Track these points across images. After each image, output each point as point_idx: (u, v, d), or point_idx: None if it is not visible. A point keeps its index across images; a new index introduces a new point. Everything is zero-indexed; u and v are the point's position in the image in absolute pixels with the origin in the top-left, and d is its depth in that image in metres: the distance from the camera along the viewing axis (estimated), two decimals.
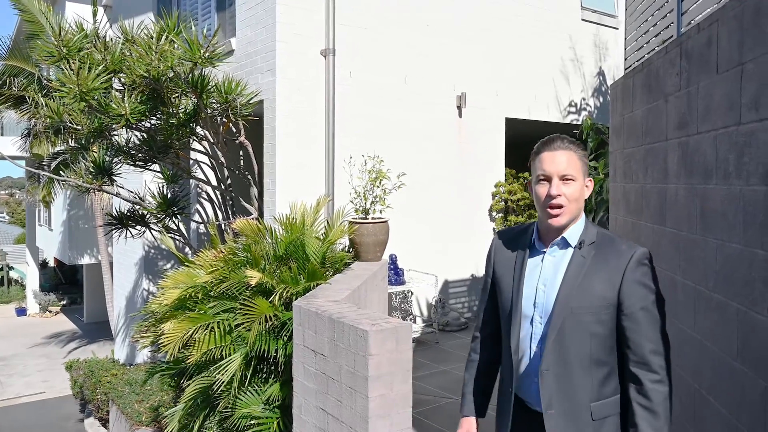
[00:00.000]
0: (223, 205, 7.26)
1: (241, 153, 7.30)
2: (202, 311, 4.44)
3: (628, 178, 3.93)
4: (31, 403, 13.03)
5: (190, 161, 7.72)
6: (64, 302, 22.79)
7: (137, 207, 7.47)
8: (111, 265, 13.11)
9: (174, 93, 6.14)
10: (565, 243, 1.91)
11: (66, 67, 5.67)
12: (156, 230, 7.49)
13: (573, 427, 1.86)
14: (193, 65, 5.71)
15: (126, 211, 7.55)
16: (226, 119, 6.50)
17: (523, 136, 9.70)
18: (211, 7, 8.25)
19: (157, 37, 5.81)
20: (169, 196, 7.16)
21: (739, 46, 2.30)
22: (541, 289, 1.91)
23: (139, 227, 7.59)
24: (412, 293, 7.19)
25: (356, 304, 3.81)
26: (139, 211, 7.51)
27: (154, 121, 6.53)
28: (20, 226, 37.31)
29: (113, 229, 7.65)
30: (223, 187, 7.16)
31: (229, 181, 7.23)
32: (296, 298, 3.93)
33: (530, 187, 1.97)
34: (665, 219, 3.18)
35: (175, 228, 7.36)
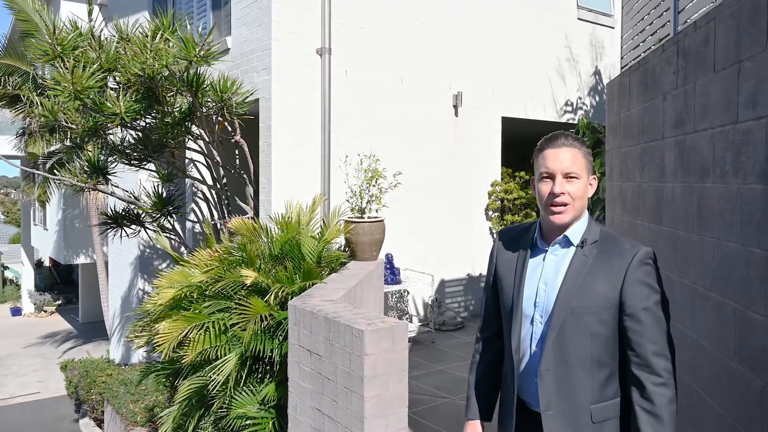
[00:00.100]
0: (218, 205, 7.23)
1: (237, 152, 7.28)
2: (197, 311, 4.42)
3: (624, 177, 3.92)
4: (26, 404, 12.99)
5: (186, 160, 7.69)
6: (60, 302, 22.73)
7: (132, 206, 7.44)
8: (106, 264, 13.07)
9: (169, 92, 6.11)
10: (568, 242, 1.88)
11: (60, 65, 5.63)
12: (151, 229, 7.45)
13: (572, 428, 1.82)
14: (189, 64, 5.69)
15: (121, 211, 7.52)
16: (221, 118, 6.47)
17: (520, 135, 9.71)
18: (206, 6, 8.22)
19: (152, 35, 5.78)
20: (165, 195, 7.14)
21: (737, 44, 2.29)
22: (542, 289, 1.88)
23: (134, 227, 7.56)
24: (408, 292, 7.18)
25: (352, 304, 3.79)
26: (135, 211, 7.47)
27: (149, 120, 6.50)
28: (15, 226, 37.23)
29: (108, 229, 7.61)
30: (218, 187, 7.13)
31: (224, 181, 7.20)
32: (292, 298, 3.91)
33: (533, 184, 1.93)
34: (662, 218, 3.17)
35: (170, 227, 7.33)
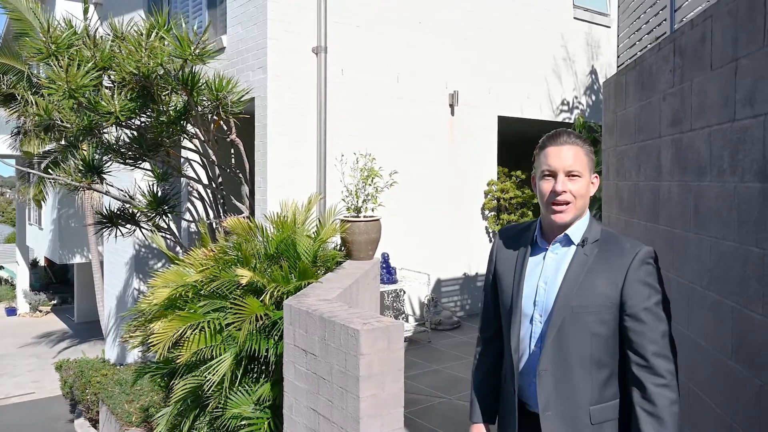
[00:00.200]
0: (214, 204, 7.21)
1: (233, 151, 7.26)
2: (192, 310, 4.39)
3: (620, 176, 3.91)
4: (20, 404, 12.93)
5: (181, 159, 7.66)
6: (55, 302, 22.65)
7: (127, 205, 7.42)
8: (102, 264, 13.02)
9: (164, 90, 6.09)
10: (568, 240, 1.85)
11: (55, 64, 5.60)
12: (146, 229, 7.43)
13: (571, 429, 1.79)
14: (184, 62, 5.67)
15: (116, 210, 7.50)
16: (217, 117, 6.45)
17: (516, 135, 9.71)
18: (202, 4, 8.19)
19: (147, 33, 5.76)
20: (160, 194, 7.11)
21: (734, 41, 2.28)
22: (542, 287, 1.85)
23: (129, 226, 7.54)
24: (405, 292, 7.17)
25: (348, 303, 3.77)
26: (130, 210, 7.45)
27: (144, 119, 6.48)
28: (10, 225, 37.10)
29: (103, 228, 7.59)
30: (214, 186, 7.11)
31: (220, 180, 7.18)
32: (287, 297, 3.90)
33: (533, 182, 1.91)
34: (658, 217, 3.16)
35: (165, 227, 7.31)
